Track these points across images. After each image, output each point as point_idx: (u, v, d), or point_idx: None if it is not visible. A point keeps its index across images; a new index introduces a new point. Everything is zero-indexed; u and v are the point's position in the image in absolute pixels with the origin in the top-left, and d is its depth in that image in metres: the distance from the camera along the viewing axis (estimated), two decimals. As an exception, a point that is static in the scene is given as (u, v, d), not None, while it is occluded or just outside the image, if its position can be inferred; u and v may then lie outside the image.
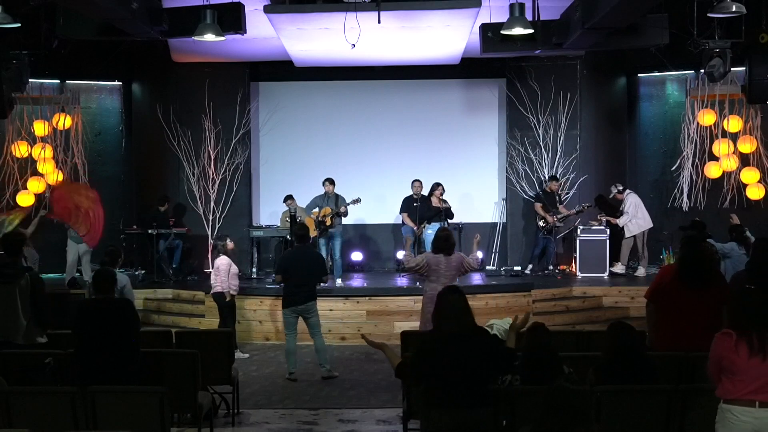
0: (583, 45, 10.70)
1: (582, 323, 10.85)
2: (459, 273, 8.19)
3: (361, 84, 14.09)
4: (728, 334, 4.48)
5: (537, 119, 13.43)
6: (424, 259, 8.05)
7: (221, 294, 9.88)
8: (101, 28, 10.07)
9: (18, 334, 6.48)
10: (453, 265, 7.99)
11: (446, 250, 8.01)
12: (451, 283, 8.00)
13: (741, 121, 12.70)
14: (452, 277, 8.02)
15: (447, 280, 7.98)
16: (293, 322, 8.88)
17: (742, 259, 9.50)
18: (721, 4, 9.04)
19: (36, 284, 6.61)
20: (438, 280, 7.98)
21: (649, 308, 6.32)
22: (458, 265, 8.05)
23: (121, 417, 5.20)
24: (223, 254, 9.94)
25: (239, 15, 9.72)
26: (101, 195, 13.43)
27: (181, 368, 6.22)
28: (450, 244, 8.07)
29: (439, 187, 12.53)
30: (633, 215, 12.75)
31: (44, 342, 6.64)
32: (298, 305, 8.81)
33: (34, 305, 6.54)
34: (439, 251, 8.02)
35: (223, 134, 13.46)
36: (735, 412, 4.41)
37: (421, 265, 8.01)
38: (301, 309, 8.83)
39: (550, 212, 12.88)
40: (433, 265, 7.95)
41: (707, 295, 6.00)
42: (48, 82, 13.18)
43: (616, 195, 13.02)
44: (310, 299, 8.86)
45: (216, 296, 9.95)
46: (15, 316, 6.46)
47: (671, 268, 6.46)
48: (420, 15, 10.12)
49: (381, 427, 7.21)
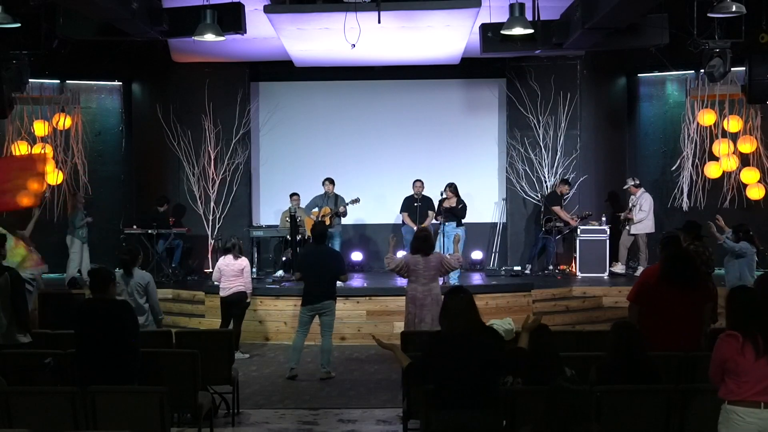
0: (583, 45, 10.70)
1: (582, 323, 10.86)
2: (439, 273, 8.25)
3: (361, 84, 14.09)
4: (734, 336, 4.47)
5: (537, 119, 13.43)
6: (403, 260, 8.17)
7: (244, 294, 9.87)
8: (101, 28, 10.07)
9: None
10: (432, 265, 8.08)
11: (424, 251, 8.08)
12: (431, 283, 8.08)
13: (741, 121, 12.71)
14: (432, 277, 8.09)
15: (426, 280, 8.06)
16: (307, 321, 8.86)
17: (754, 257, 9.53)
18: (721, 4, 9.04)
19: (15, 284, 6.54)
20: (417, 280, 8.06)
21: (633, 310, 6.34)
22: (437, 264, 8.13)
23: (121, 417, 5.20)
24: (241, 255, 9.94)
25: (239, 15, 9.73)
26: (101, 195, 13.66)
27: (181, 368, 6.21)
28: (428, 245, 8.14)
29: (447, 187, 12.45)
30: (647, 215, 12.75)
31: (27, 342, 6.59)
32: (315, 303, 8.77)
33: (13, 305, 6.48)
34: (417, 251, 8.08)
35: (223, 134, 13.47)
36: (740, 413, 4.40)
37: (400, 266, 8.17)
38: (318, 307, 8.79)
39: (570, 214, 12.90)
40: (411, 265, 8.06)
41: (691, 294, 6.03)
42: (48, 82, 13.19)
43: (631, 187, 12.98)
44: (327, 298, 8.80)
45: (239, 297, 9.85)
46: None
47: (654, 269, 6.46)
48: (420, 15, 10.13)
49: (381, 427, 7.21)
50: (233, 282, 9.83)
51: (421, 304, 8.08)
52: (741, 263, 9.34)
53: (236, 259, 9.86)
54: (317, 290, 8.76)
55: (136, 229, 12.82)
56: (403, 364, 4.89)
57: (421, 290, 8.12)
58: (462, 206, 12.29)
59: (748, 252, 9.33)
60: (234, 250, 9.88)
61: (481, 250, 13.82)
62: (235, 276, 9.83)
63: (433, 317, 8.08)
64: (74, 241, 12.62)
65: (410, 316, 8.16)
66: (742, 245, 9.41)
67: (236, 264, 9.85)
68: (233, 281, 9.84)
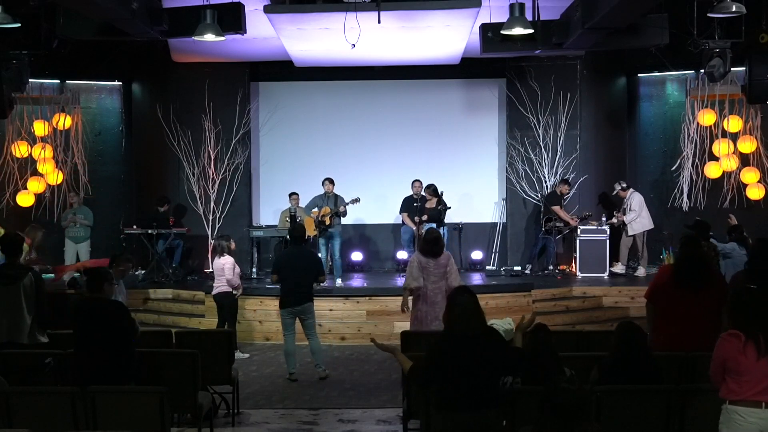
0: (583, 45, 10.70)
1: (582, 323, 10.86)
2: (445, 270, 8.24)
3: (361, 84, 14.09)
4: (735, 335, 4.47)
5: (537, 119, 13.43)
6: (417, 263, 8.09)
7: (228, 294, 9.88)
8: (101, 28, 10.06)
9: (23, 333, 6.50)
10: (442, 263, 8.11)
11: (434, 253, 8.09)
12: (440, 281, 8.08)
13: (741, 121, 12.70)
14: (441, 275, 8.10)
15: (436, 278, 8.07)
16: (291, 322, 8.87)
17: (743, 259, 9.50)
18: (721, 4, 9.03)
19: (38, 284, 6.62)
20: (428, 278, 8.08)
21: (649, 308, 6.32)
22: (446, 263, 8.13)
23: (121, 417, 5.20)
24: (227, 254, 9.94)
25: (239, 15, 9.72)
26: (101, 195, 13.66)
27: (181, 368, 6.22)
28: (439, 246, 8.16)
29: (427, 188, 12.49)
30: (639, 213, 12.77)
31: (45, 342, 6.65)
32: (295, 306, 8.79)
33: (36, 305, 6.55)
34: (428, 254, 8.08)
35: (223, 134, 13.47)
36: (741, 413, 4.41)
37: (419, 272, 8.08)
38: (298, 310, 8.81)
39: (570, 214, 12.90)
40: (423, 265, 8.04)
41: (705, 295, 6.00)
42: (48, 82, 13.18)
43: (619, 192, 13.01)
44: (306, 300, 8.83)
45: (222, 296, 9.91)
46: (20, 317, 6.49)
47: (669, 268, 6.45)
48: (420, 15, 10.12)
49: (381, 427, 7.21)
50: (219, 282, 9.92)
51: (433, 302, 8.06)
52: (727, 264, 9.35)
53: (219, 258, 9.95)
54: (297, 292, 8.78)
55: (136, 229, 12.82)
56: (405, 366, 4.86)
57: (431, 288, 8.10)
58: (443, 207, 12.28)
59: (734, 253, 9.33)
60: (217, 250, 9.96)
61: (481, 250, 13.82)
62: (220, 275, 9.89)
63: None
64: (66, 241, 12.65)
65: (420, 314, 8.11)
66: (726, 246, 9.41)
67: (219, 263, 9.95)
68: (219, 281, 9.92)
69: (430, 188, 12.46)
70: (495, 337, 4.74)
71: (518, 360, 4.77)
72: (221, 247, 9.97)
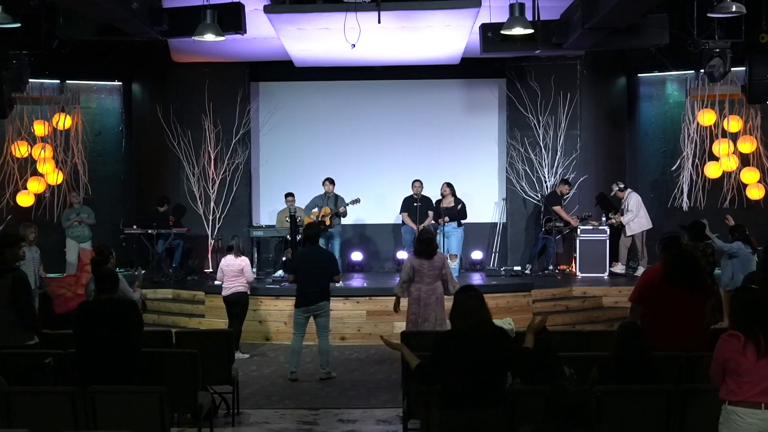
0: (583, 45, 10.70)
1: (582, 323, 10.86)
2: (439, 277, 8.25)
3: (361, 84, 14.08)
4: (735, 336, 4.46)
5: (537, 119, 13.43)
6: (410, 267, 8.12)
7: (245, 294, 9.89)
8: (101, 28, 10.07)
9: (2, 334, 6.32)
10: (436, 265, 8.15)
11: (428, 254, 8.10)
12: (434, 282, 8.12)
13: (741, 121, 12.70)
14: (435, 276, 8.15)
15: (430, 280, 8.12)
16: (303, 322, 8.85)
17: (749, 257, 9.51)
18: (721, 4, 9.03)
19: (16, 285, 6.34)
20: (422, 280, 8.12)
21: (635, 310, 6.30)
22: (441, 264, 8.15)
23: (121, 417, 5.20)
24: (242, 254, 9.94)
25: (239, 15, 9.72)
26: (101, 195, 13.65)
27: (181, 368, 6.22)
28: (432, 247, 8.18)
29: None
30: (636, 214, 12.77)
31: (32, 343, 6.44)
32: (310, 305, 8.76)
33: (15, 306, 6.32)
34: (421, 255, 8.10)
35: (223, 134, 13.47)
36: (741, 413, 4.40)
37: (410, 275, 8.12)
38: (313, 309, 8.78)
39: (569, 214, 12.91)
40: (416, 267, 8.06)
41: (694, 293, 6.03)
42: (48, 82, 13.18)
43: (617, 193, 13.03)
44: (321, 299, 8.79)
45: (239, 296, 9.88)
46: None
47: (655, 269, 6.44)
48: (420, 15, 10.12)
49: (381, 427, 7.21)
50: (233, 282, 9.86)
51: (425, 304, 8.10)
52: (734, 264, 9.34)
53: (236, 258, 9.89)
54: (312, 291, 8.75)
55: (136, 229, 12.82)
56: (412, 364, 4.86)
57: (425, 290, 8.13)
58: (462, 206, 12.32)
59: (740, 252, 9.33)
60: (234, 249, 9.91)
61: (481, 250, 13.82)
62: (235, 276, 9.85)
63: (437, 317, 8.11)
64: (68, 241, 12.65)
65: (413, 316, 8.16)
66: (733, 245, 9.41)
67: (236, 263, 9.87)
68: (233, 281, 9.86)
69: (449, 186, 12.48)
70: (500, 335, 4.73)
71: (528, 360, 4.75)
72: (238, 247, 9.96)
